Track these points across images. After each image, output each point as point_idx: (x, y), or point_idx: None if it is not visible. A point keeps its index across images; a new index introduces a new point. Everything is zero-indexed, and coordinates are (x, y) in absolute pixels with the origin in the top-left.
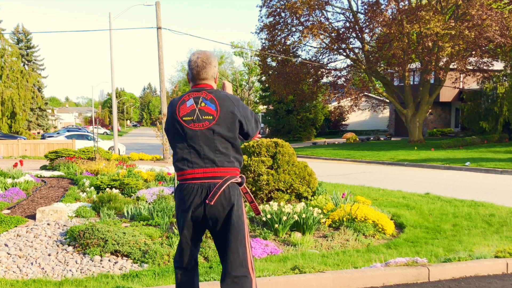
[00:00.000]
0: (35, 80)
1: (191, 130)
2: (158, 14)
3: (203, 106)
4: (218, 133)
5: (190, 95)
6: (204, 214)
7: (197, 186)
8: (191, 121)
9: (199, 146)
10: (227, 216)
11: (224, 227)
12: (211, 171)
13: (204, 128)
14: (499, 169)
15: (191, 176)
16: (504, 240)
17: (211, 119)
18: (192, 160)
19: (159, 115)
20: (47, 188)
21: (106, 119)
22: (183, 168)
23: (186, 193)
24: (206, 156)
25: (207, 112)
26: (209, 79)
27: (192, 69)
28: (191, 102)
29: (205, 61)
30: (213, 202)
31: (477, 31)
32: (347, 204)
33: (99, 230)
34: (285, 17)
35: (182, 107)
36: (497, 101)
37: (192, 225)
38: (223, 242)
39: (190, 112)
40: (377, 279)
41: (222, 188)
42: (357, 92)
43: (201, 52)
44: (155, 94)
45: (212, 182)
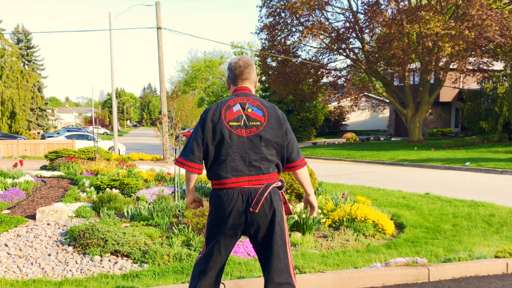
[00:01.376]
0: (35, 80)
1: (237, 136)
2: (158, 14)
3: (250, 112)
4: (266, 139)
5: (236, 100)
6: (245, 221)
7: (237, 192)
8: (238, 127)
9: (245, 153)
10: (269, 223)
11: (266, 234)
12: (256, 179)
13: (251, 135)
14: (499, 169)
15: (235, 185)
16: (504, 240)
17: (259, 125)
18: (237, 168)
19: (159, 115)
20: (47, 188)
21: (106, 119)
22: (226, 176)
23: (226, 199)
24: (252, 163)
25: (254, 118)
26: (251, 81)
27: (235, 69)
28: (238, 107)
29: (246, 62)
30: (257, 209)
31: (477, 31)
32: (347, 204)
33: (99, 230)
34: (285, 17)
35: (228, 112)
36: (497, 101)
37: (231, 233)
38: (265, 249)
39: (236, 118)
40: (377, 279)
41: (265, 195)
42: (357, 92)
43: (241, 56)
44: (155, 94)
45: (253, 188)
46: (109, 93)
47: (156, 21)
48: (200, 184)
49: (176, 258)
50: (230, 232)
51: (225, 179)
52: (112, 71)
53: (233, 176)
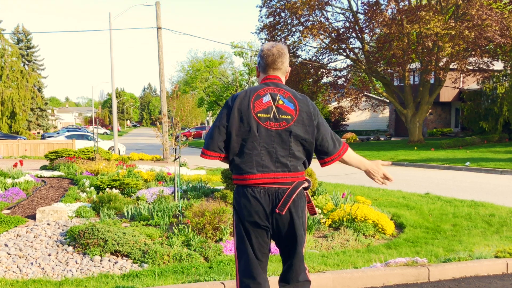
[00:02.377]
0: (35, 80)
1: (266, 129)
2: (158, 14)
3: (280, 104)
4: (295, 135)
5: (266, 90)
6: (271, 222)
7: (264, 191)
8: (267, 119)
9: (273, 148)
10: (295, 226)
11: (290, 234)
12: (282, 176)
13: (280, 129)
14: (499, 169)
15: (259, 182)
16: (504, 240)
17: (289, 119)
18: (263, 163)
19: (159, 115)
20: (47, 188)
21: (106, 119)
22: (250, 171)
23: (251, 198)
24: (279, 159)
25: (285, 111)
26: (283, 71)
27: (267, 57)
28: (268, 98)
29: (280, 50)
30: (284, 211)
31: (477, 31)
32: (347, 204)
33: (99, 230)
34: (285, 17)
35: (257, 102)
36: (497, 101)
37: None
38: (288, 250)
39: (266, 109)
40: (377, 279)
41: (293, 197)
42: (357, 92)
43: (274, 43)
44: (155, 94)
45: (280, 188)
46: (109, 93)
47: (156, 21)
48: (200, 184)
49: (176, 258)
50: (259, 230)
51: (250, 174)
52: (112, 71)
53: (259, 172)
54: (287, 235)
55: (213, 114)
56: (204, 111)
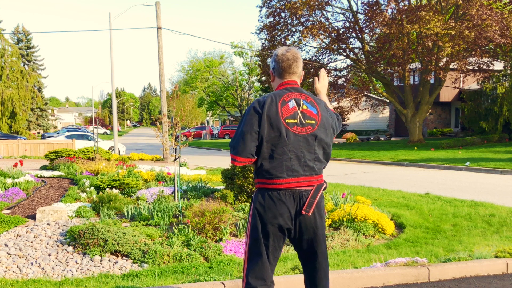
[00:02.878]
0: (35, 80)
1: (294, 134)
2: (158, 14)
3: (305, 109)
4: (320, 139)
5: (290, 96)
6: (295, 224)
7: (289, 193)
8: (294, 124)
9: (301, 152)
10: (317, 225)
11: (313, 236)
12: (310, 179)
13: (307, 133)
14: (499, 169)
15: (289, 186)
16: (504, 240)
17: (314, 123)
18: (293, 168)
19: (159, 115)
20: (47, 188)
21: (106, 119)
22: (281, 176)
23: (277, 200)
24: (307, 163)
25: (309, 116)
26: (298, 75)
27: (283, 62)
28: (293, 103)
29: (295, 55)
30: (311, 213)
31: (477, 31)
32: (347, 204)
33: (99, 230)
34: (285, 17)
35: (284, 108)
36: (497, 101)
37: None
38: (311, 251)
39: (293, 114)
40: (377, 279)
41: (317, 198)
42: (357, 92)
43: (287, 47)
44: (155, 94)
45: (304, 190)
46: (109, 93)
47: (156, 21)
48: (200, 184)
49: (176, 258)
50: (279, 234)
51: (280, 179)
52: (112, 71)
53: (289, 176)
54: (310, 236)
55: (213, 114)
56: (204, 111)
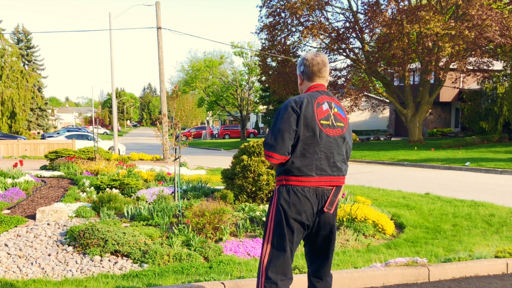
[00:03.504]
0: (35, 80)
1: (326, 135)
2: (158, 14)
3: (336, 112)
4: (347, 142)
5: (323, 98)
6: (315, 220)
7: (312, 191)
8: (327, 126)
9: (331, 153)
10: (334, 224)
11: (330, 231)
12: (337, 179)
13: (337, 135)
14: (499, 169)
15: (317, 184)
16: (504, 240)
17: (343, 126)
18: (322, 167)
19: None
20: (47, 188)
21: (106, 119)
22: (310, 174)
23: (301, 197)
24: (335, 164)
25: (339, 119)
26: (326, 79)
27: (313, 66)
28: (326, 106)
29: (324, 60)
30: (332, 210)
31: (477, 31)
32: (347, 204)
33: (99, 230)
34: (285, 17)
35: (319, 109)
36: (497, 101)
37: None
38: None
39: (326, 116)
40: (377, 279)
41: (338, 197)
42: (357, 92)
43: (317, 52)
44: (155, 94)
45: (325, 188)
46: (109, 93)
47: (156, 21)
48: (200, 184)
49: (176, 258)
50: (301, 230)
51: (309, 176)
52: (112, 71)
53: (317, 175)
54: (326, 232)
55: (213, 114)
56: (204, 111)
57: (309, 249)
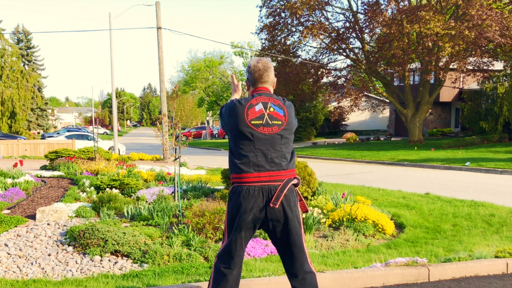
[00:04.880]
0: (35, 80)
1: (260, 133)
2: (158, 14)
3: (272, 111)
4: (285, 138)
5: (258, 100)
6: (265, 216)
7: (258, 188)
8: (260, 125)
9: (267, 150)
10: (289, 218)
11: (287, 228)
12: (276, 174)
13: (273, 133)
14: (499, 169)
15: (256, 180)
16: (504, 240)
17: (280, 124)
18: (259, 164)
19: (159, 115)
20: (47, 188)
21: (106, 119)
22: (248, 170)
23: (247, 195)
24: (273, 159)
25: (276, 117)
26: (270, 82)
27: (254, 72)
28: (260, 106)
29: (265, 65)
30: (278, 205)
31: (477, 31)
32: (347, 204)
33: (99, 230)
34: (285, 17)
35: (251, 111)
36: (497, 101)
37: (251, 227)
38: (286, 242)
39: (259, 116)
40: (377, 279)
41: (284, 192)
42: (357, 92)
43: (259, 58)
44: (155, 94)
45: (272, 185)
46: (109, 93)
47: (156, 21)
48: (200, 184)
49: (176, 258)
50: (250, 226)
51: (247, 173)
52: (112, 71)
53: (255, 171)
54: (282, 228)
55: (213, 114)
56: (204, 111)
57: (275, 246)
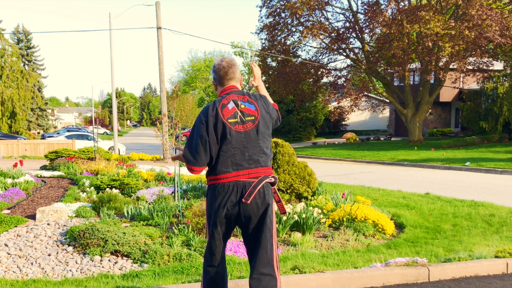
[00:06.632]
0: (35, 80)
1: (236, 132)
2: (158, 14)
3: (243, 107)
4: (262, 133)
5: (228, 98)
6: (238, 212)
7: (232, 184)
8: (236, 123)
9: (244, 148)
10: (261, 215)
11: (257, 225)
12: (255, 171)
13: (248, 129)
14: (499, 169)
15: (235, 179)
16: (504, 240)
17: (254, 119)
18: (238, 162)
19: (159, 115)
20: (47, 188)
21: (106, 119)
22: (227, 170)
23: (221, 191)
24: (251, 157)
25: (248, 113)
26: (236, 80)
27: (219, 70)
28: (232, 104)
29: (229, 63)
30: (250, 201)
31: (477, 31)
32: (347, 204)
33: (99, 230)
34: (285, 17)
35: (225, 110)
36: (497, 101)
37: (225, 222)
38: (253, 240)
39: (233, 114)
40: (377, 279)
41: (258, 188)
42: (357, 92)
43: (222, 57)
44: (155, 94)
45: (247, 181)
46: (109, 93)
47: (156, 21)
48: (200, 184)
49: (176, 258)
50: (226, 222)
51: (226, 173)
52: (112, 71)
53: (234, 170)
54: (253, 225)
55: None
56: None
57: (244, 240)
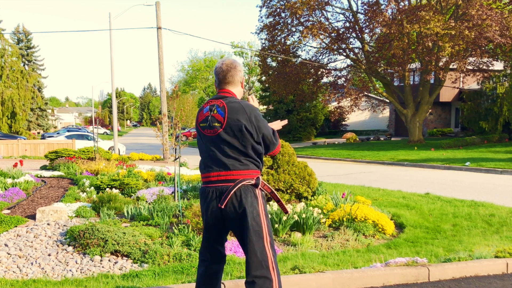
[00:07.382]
0: (35, 80)
1: (205, 135)
2: (158, 14)
3: (215, 113)
4: (224, 140)
5: (209, 103)
6: (221, 216)
7: (213, 189)
8: (205, 127)
9: (212, 151)
10: (241, 219)
11: (240, 229)
12: (224, 174)
13: (214, 135)
14: (499, 169)
15: (208, 179)
16: (504, 240)
17: (219, 126)
18: (208, 164)
19: (159, 115)
20: (47, 188)
21: (106, 119)
22: (203, 171)
23: (205, 196)
24: (219, 160)
25: (216, 119)
26: (235, 83)
27: (218, 74)
28: (207, 109)
29: (229, 65)
30: (224, 205)
31: (477, 31)
32: (347, 204)
33: (99, 230)
34: (285, 17)
35: (200, 113)
36: (497, 101)
37: (211, 226)
38: (242, 243)
39: (205, 119)
40: (377, 279)
41: (232, 192)
42: (357, 92)
43: (226, 58)
44: (155, 94)
45: (225, 186)
46: (109, 93)
47: (156, 21)
48: (200, 184)
49: (176, 258)
50: (211, 224)
51: (203, 173)
52: (112, 71)
53: (206, 171)
54: (237, 229)
55: None
56: None
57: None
